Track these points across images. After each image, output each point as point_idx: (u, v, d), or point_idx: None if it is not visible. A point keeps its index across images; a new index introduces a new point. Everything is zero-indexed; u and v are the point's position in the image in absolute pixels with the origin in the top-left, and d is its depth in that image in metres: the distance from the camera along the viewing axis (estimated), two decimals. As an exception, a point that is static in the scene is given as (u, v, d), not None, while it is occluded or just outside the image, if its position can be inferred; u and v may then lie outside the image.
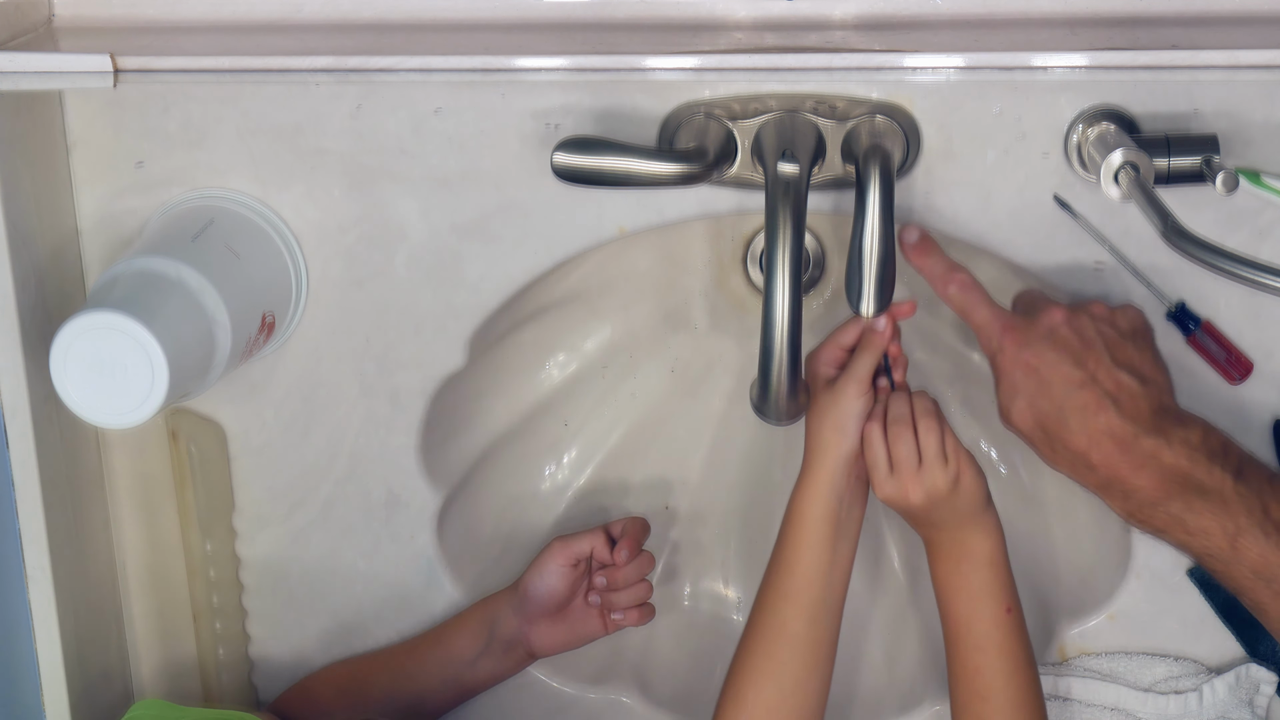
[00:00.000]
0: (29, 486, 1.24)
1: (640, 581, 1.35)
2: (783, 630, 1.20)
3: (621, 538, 1.34)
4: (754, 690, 1.20)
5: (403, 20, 1.31)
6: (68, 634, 1.28)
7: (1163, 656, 1.35)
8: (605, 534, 1.33)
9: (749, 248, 1.38)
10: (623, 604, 1.34)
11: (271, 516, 1.35)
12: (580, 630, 1.35)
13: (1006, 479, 1.41)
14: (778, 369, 1.15)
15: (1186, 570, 1.33)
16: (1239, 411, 1.29)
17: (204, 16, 1.31)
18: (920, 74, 1.22)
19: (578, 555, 1.33)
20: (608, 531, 1.34)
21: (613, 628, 1.36)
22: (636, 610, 1.35)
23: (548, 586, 1.33)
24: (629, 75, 1.23)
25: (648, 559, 1.35)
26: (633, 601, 1.35)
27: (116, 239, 1.28)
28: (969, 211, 1.25)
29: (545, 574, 1.33)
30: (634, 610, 1.35)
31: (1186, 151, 1.20)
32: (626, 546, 1.33)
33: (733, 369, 1.42)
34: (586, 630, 1.35)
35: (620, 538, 1.34)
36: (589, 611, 1.35)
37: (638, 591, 1.35)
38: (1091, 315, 1.17)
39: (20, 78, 1.22)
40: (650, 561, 1.35)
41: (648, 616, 1.36)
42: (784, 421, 1.18)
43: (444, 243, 1.27)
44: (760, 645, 1.21)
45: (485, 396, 1.39)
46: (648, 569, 1.35)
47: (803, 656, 1.20)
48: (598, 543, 1.33)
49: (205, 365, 1.16)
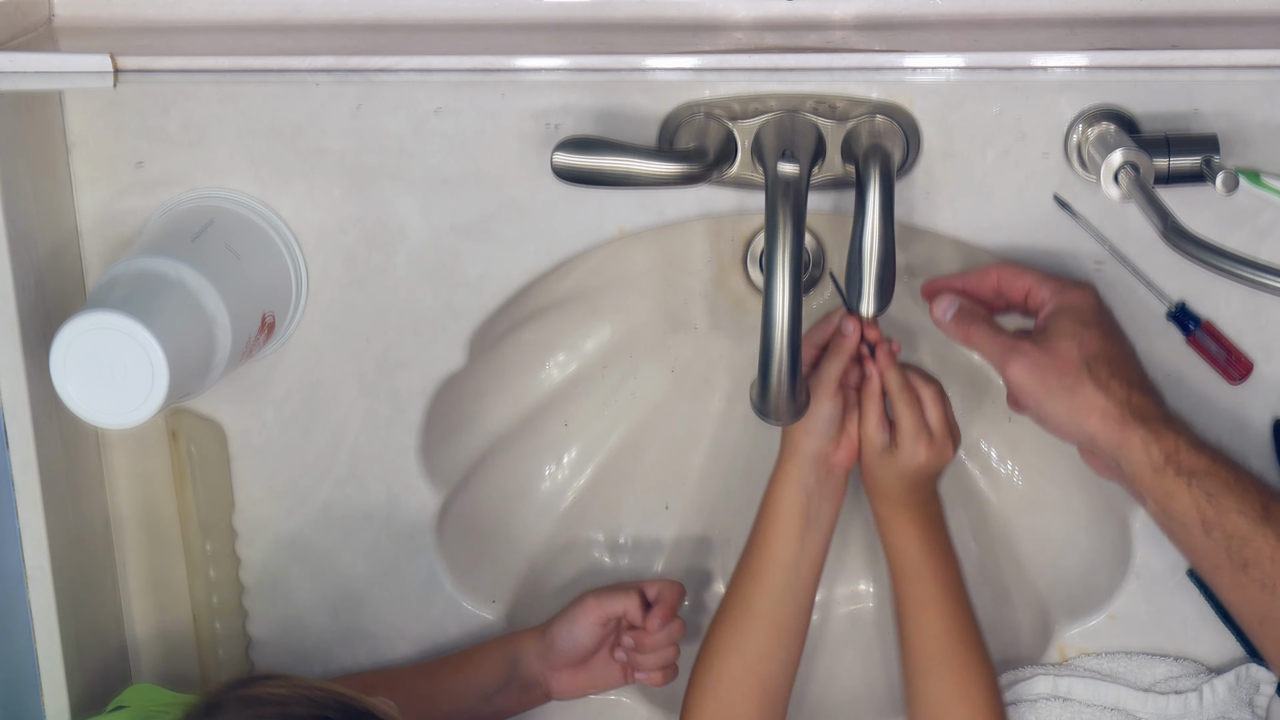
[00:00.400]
0: (29, 486, 1.24)
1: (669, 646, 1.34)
2: (748, 608, 1.26)
3: (656, 602, 1.32)
4: (720, 661, 1.27)
5: (403, 20, 1.31)
6: (68, 634, 1.28)
7: (1163, 656, 1.35)
8: (640, 596, 1.32)
9: (749, 248, 1.38)
10: (649, 666, 1.34)
11: (271, 516, 1.35)
12: (601, 680, 1.35)
13: (1006, 479, 1.41)
14: (778, 369, 1.15)
15: (1186, 570, 1.33)
16: (1239, 411, 1.29)
17: (204, 16, 1.31)
18: (920, 74, 1.22)
19: (610, 615, 1.32)
20: (643, 593, 1.33)
21: (633, 679, 1.35)
22: (661, 672, 1.34)
23: (575, 641, 1.32)
24: (629, 75, 1.23)
25: (679, 626, 1.33)
26: (658, 664, 1.34)
27: (116, 239, 1.28)
28: (969, 211, 1.25)
29: (575, 628, 1.32)
30: (658, 672, 1.34)
31: (1186, 151, 1.20)
32: (660, 615, 1.32)
33: (733, 369, 1.42)
34: (607, 680, 1.35)
35: (655, 601, 1.32)
36: (612, 664, 1.35)
37: (665, 656, 1.34)
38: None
39: (20, 78, 1.22)
40: (681, 629, 1.33)
41: (671, 677, 1.35)
42: (784, 421, 1.18)
43: (444, 243, 1.27)
44: (727, 621, 1.27)
45: (485, 396, 1.39)
46: (679, 635, 1.33)
47: (766, 633, 1.26)
48: (631, 606, 1.32)
49: (205, 365, 1.16)
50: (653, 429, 1.44)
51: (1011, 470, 1.41)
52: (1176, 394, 1.28)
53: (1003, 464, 1.41)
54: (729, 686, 1.27)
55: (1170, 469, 1.16)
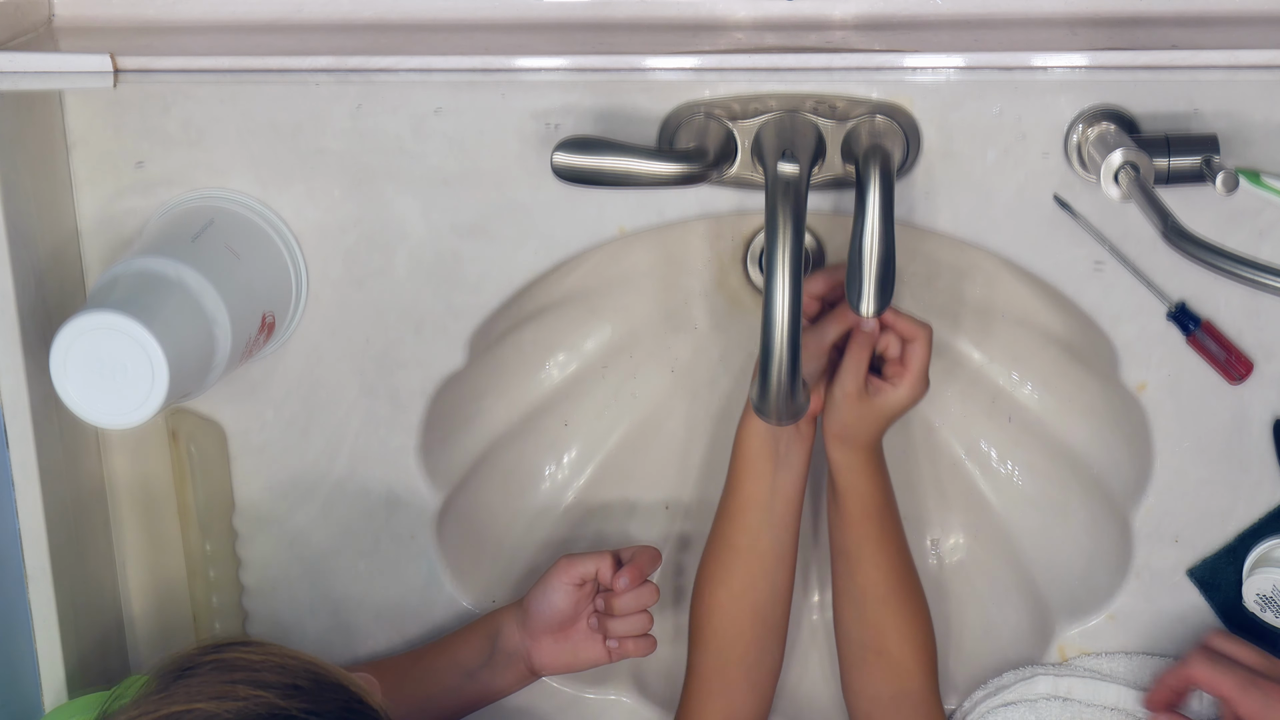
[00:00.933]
0: (29, 486, 1.24)
1: (641, 613, 1.33)
2: (727, 544, 1.31)
3: (628, 564, 1.32)
4: (710, 592, 1.32)
5: (403, 20, 1.31)
6: (68, 634, 1.28)
7: (1163, 656, 1.35)
8: (613, 558, 1.32)
9: (749, 248, 1.38)
10: (619, 631, 1.33)
11: (271, 516, 1.35)
12: (582, 653, 1.34)
13: (1006, 479, 1.41)
14: (778, 369, 1.15)
15: (1186, 570, 1.33)
16: (1239, 411, 1.29)
17: (204, 16, 1.31)
18: (920, 74, 1.22)
19: (583, 575, 1.32)
20: (617, 556, 1.33)
21: (615, 656, 1.34)
22: (633, 640, 1.34)
23: (551, 603, 1.32)
24: (629, 75, 1.23)
25: (651, 590, 1.33)
26: (629, 631, 1.33)
27: (116, 239, 1.28)
28: (969, 211, 1.25)
29: (549, 590, 1.32)
30: (630, 640, 1.34)
31: (1186, 151, 1.20)
32: (628, 574, 1.31)
33: (733, 369, 1.42)
34: (588, 654, 1.34)
35: (628, 564, 1.33)
36: (592, 636, 1.34)
37: (636, 622, 1.33)
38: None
39: (20, 78, 1.22)
40: (654, 594, 1.33)
41: (646, 648, 1.34)
42: (784, 421, 1.18)
43: (444, 243, 1.27)
44: (713, 555, 1.32)
45: (485, 396, 1.39)
46: (650, 601, 1.33)
47: (748, 566, 1.30)
48: (603, 565, 1.32)
49: (205, 365, 1.16)
50: (653, 429, 1.44)
51: (1011, 470, 1.41)
52: (1176, 394, 1.28)
53: (1003, 464, 1.41)
54: (720, 615, 1.31)
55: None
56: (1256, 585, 1.29)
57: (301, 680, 1.03)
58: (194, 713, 1.01)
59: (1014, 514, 1.41)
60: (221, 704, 1.01)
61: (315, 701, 1.02)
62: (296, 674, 1.04)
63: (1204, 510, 1.31)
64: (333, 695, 1.04)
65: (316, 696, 1.03)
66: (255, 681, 1.02)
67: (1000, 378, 1.39)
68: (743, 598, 1.31)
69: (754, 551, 1.30)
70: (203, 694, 1.02)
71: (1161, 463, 1.31)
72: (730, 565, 1.31)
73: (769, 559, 1.30)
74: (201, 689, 1.02)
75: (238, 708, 1.01)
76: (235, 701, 1.01)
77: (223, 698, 1.01)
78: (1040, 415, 1.38)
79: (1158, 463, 1.31)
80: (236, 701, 1.01)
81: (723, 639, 1.31)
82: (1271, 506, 1.31)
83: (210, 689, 1.02)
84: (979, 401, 1.40)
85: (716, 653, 1.32)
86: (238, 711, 1.00)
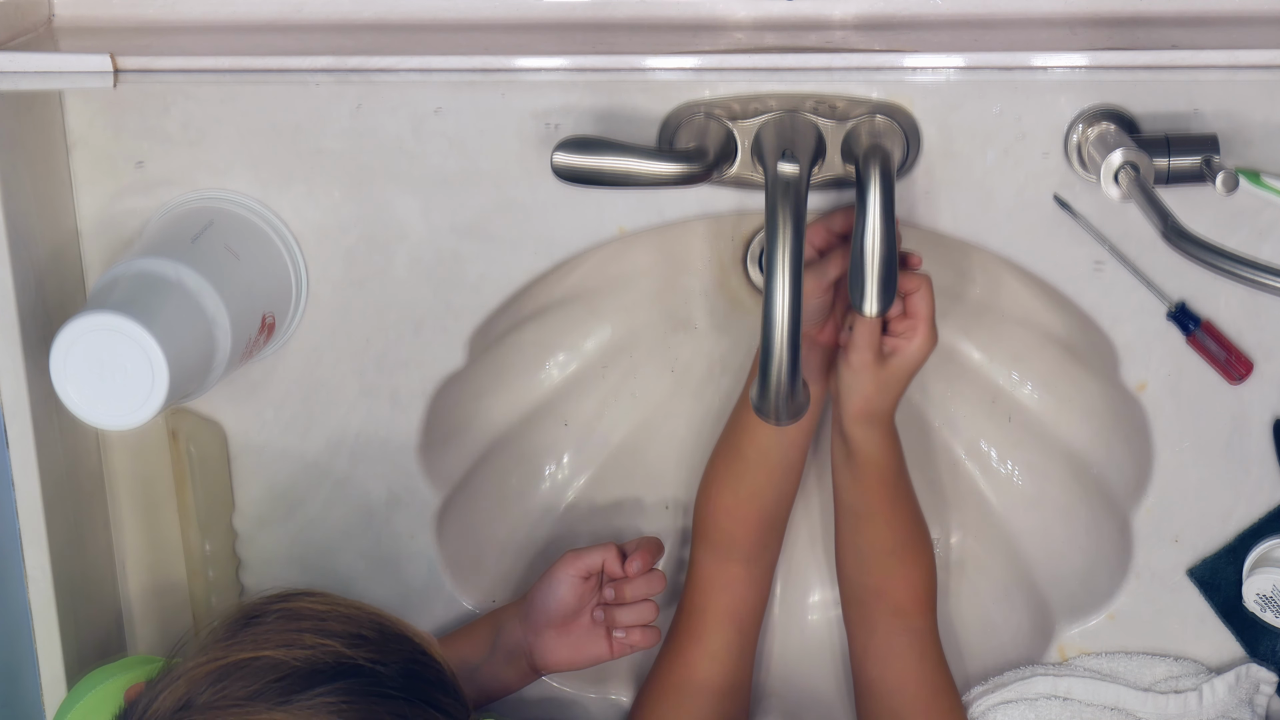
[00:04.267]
0: (29, 486, 1.24)
1: (646, 601, 1.34)
2: (737, 452, 1.32)
3: (635, 553, 1.33)
4: (716, 491, 1.34)
5: (403, 20, 1.31)
6: (68, 634, 1.28)
7: (1163, 656, 1.35)
8: (618, 550, 1.33)
9: (749, 248, 1.38)
10: (625, 621, 1.33)
11: (271, 516, 1.35)
12: (585, 649, 1.34)
13: (1006, 479, 1.41)
14: (778, 369, 1.15)
15: (1186, 570, 1.33)
16: (1239, 411, 1.29)
17: (204, 16, 1.31)
18: (920, 74, 1.22)
19: (588, 568, 1.32)
20: (621, 549, 1.33)
21: (618, 650, 1.34)
22: (640, 631, 1.34)
23: (555, 596, 1.32)
24: (629, 75, 1.23)
25: (658, 578, 1.34)
26: (636, 620, 1.33)
27: (116, 239, 1.28)
28: (969, 211, 1.25)
29: (554, 583, 1.32)
30: (636, 630, 1.34)
31: (1186, 151, 1.20)
32: (639, 558, 1.32)
33: (733, 369, 1.42)
34: (592, 650, 1.34)
35: (633, 553, 1.33)
36: (595, 630, 1.34)
37: (642, 611, 1.33)
38: None
39: (20, 78, 1.22)
40: (661, 581, 1.34)
41: (651, 639, 1.34)
42: (784, 421, 1.18)
43: (444, 243, 1.27)
44: (719, 459, 1.34)
45: (485, 396, 1.39)
46: (659, 588, 1.34)
47: (755, 474, 1.32)
48: (609, 556, 1.32)
49: (205, 366, 1.16)
50: (653, 429, 1.44)
51: (1011, 470, 1.41)
52: (1176, 394, 1.28)
53: (1003, 464, 1.41)
54: (725, 516, 1.33)
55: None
56: (1256, 585, 1.29)
57: (367, 630, 1.03)
58: (261, 660, 1.00)
59: (1014, 514, 1.41)
60: (289, 651, 1.00)
61: (381, 652, 1.02)
62: (362, 624, 1.04)
63: (1204, 510, 1.32)
64: (397, 646, 1.03)
65: (382, 647, 1.02)
66: (321, 630, 1.02)
67: (1000, 378, 1.39)
68: (749, 503, 1.32)
69: (762, 464, 1.31)
70: (270, 641, 1.01)
71: (1161, 463, 1.31)
72: (739, 472, 1.32)
73: (777, 471, 1.32)
74: (268, 636, 1.02)
75: (305, 655, 1.00)
76: (302, 650, 1.00)
77: (290, 645, 1.01)
78: (1040, 415, 1.38)
79: (1158, 463, 1.31)
80: (303, 649, 1.01)
81: (727, 538, 1.33)
82: (1271, 506, 1.31)
83: (277, 637, 1.02)
84: (979, 401, 1.40)
85: (720, 551, 1.33)
86: (304, 659, 1.00)
